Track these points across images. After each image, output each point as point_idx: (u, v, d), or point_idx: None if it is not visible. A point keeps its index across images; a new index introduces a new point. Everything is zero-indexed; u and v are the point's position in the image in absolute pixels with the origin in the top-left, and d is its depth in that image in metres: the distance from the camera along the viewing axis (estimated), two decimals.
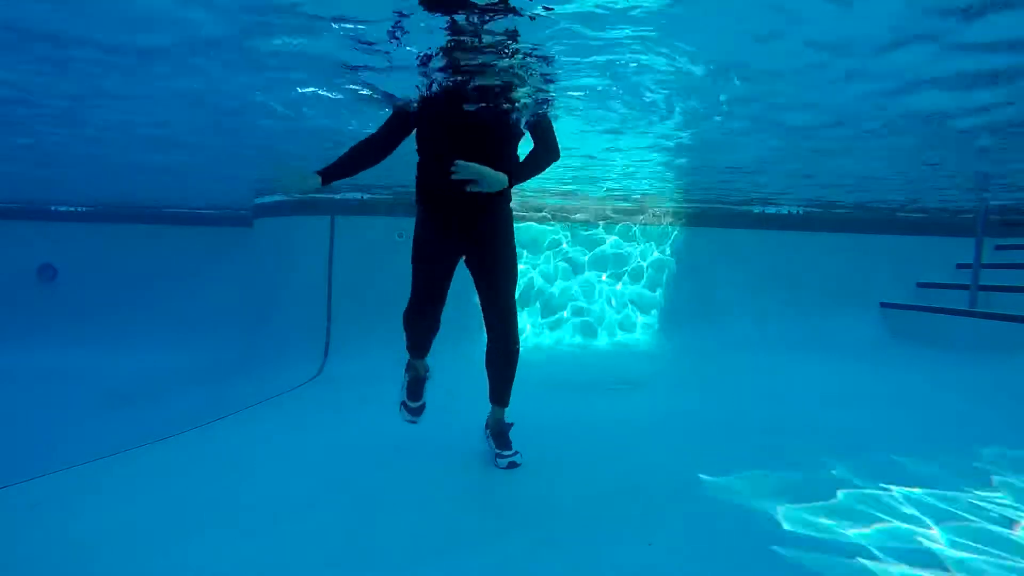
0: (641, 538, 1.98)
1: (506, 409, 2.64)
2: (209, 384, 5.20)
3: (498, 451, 2.61)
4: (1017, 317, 4.80)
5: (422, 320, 2.45)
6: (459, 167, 2.06)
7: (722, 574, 1.79)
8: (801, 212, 6.49)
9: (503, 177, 2.14)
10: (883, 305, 6.30)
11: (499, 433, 2.64)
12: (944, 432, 3.21)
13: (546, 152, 2.36)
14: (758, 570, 1.81)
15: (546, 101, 2.62)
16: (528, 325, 5.99)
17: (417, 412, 2.64)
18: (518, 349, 2.49)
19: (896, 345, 5.78)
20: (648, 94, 2.64)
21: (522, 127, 2.46)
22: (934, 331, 5.63)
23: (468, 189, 2.10)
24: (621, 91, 2.60)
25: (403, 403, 2.62)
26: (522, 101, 2.50)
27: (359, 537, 1.99)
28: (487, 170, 2.10)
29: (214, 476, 2.58)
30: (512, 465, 2.58)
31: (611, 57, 2.18)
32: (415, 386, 2.64)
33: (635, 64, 2.26)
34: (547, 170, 2.40)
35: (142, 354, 6.25)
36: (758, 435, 3.11)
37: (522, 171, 2.28)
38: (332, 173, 2.22)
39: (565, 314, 6.12)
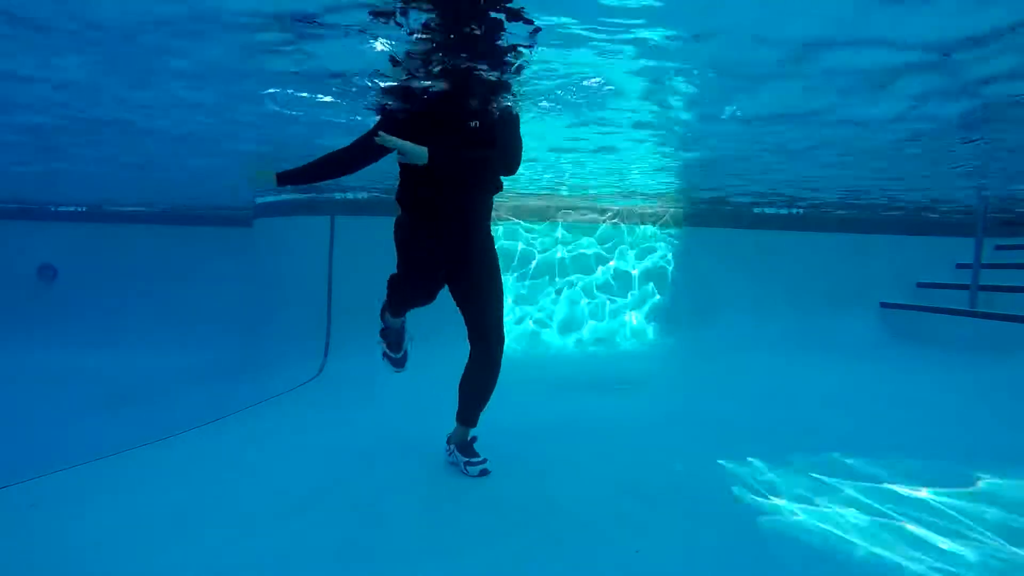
0: (641, 538, 1.98)
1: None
2: (209, 384, 5.20)
3: (467, 460, 2.54)
4: (1017, 317, 4.79)
5: (414, 291, 2.37)
6: (381, 138, 2.04)
7: (721, 574, 1.79)
8: (801, 212, 6.49)
9: (422, 151, 2.06)
10: (883, 305, 6.30)
11: (464, 445, 2.57)
12: (944, 432, 3.21)
13: (500, 156, 2.21)
14: (757, 570, 1.81)
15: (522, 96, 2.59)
16: (528, 325, 5.99)
17: (400, 363, 2.54)
18: (498, 367, 2.43)
19: (896, 345, 5.78)
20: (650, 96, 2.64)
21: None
22: (934, 331, 5.63)
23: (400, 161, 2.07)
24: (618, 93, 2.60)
25: (384, 354, 2.53)
26: (503, 102, 2.45)
27: (359, 536, 1.99)
28: (408, 144, 2.05)
29: (214, 476, 2.58)
30: (484, 472, 2.51)
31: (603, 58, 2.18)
32: (395, 337, 2.56)
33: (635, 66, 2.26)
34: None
35: (142, 354, 6.24)
36: (758, 435, 3.11)
37: (458, 163, 2.17)
38: (291, 177, 2.23)
39: (565, 314, 6.12)
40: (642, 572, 1.79)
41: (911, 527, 2.07)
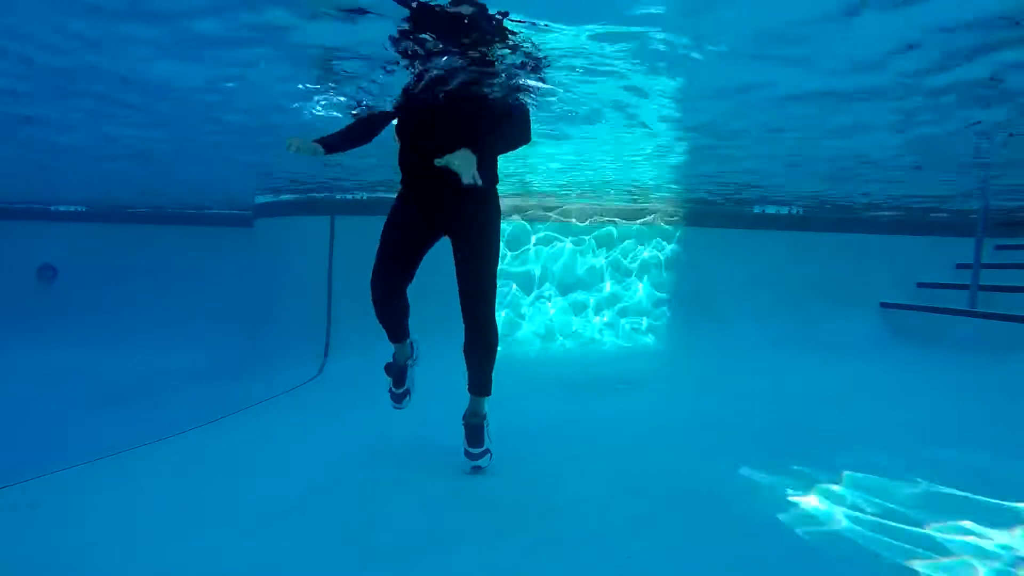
0: (640, 538, 1.98)
1: (487, 399, 2.51)
2: (209, 384, 5.21)
3: (467, 448, 2.49)
4: (1017, 317, 4.80)
5: (385, 286, 2.36)
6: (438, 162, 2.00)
7: (721, 574, 1.79)
8: (801, 212, 6.49)
9: (472, 158, 1.98)
10: (883, 305, 6.30)
11: (471, 427, 2.50)
12: (944, 432, 3.21)
13: (516, 128, 2.25)
14: (757, 570, 1.81)
15: (521, 89, 2.58)
16: (528, 325, 5.99)
17: (401, 398, 2.60)
18: (495, 341, 2.39)
19: (896, 345, 5.78)
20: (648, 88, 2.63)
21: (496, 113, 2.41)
22: (934, 331, 5.63)
23: (441, 162, 1.99)
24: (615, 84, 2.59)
25: (389, 389, 2.62)
26: (497, 87, 2.46)
27: (359, 536, 1.99)
28: (459, 157, 1.96)
29: (214, 476, 2.58)
30: (476, 470, 2.47)
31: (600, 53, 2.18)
32: (399, 375, 2.62)
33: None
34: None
35: (142, 354, 6.25)
36: (758, 435, 3.11)
37: (490, 143, 2.13)
38: (331, 144, 2.31)
39: (565, 314, 6.12)
40: (642, 572, 1.79)
41: (912, 527, 2.06)
